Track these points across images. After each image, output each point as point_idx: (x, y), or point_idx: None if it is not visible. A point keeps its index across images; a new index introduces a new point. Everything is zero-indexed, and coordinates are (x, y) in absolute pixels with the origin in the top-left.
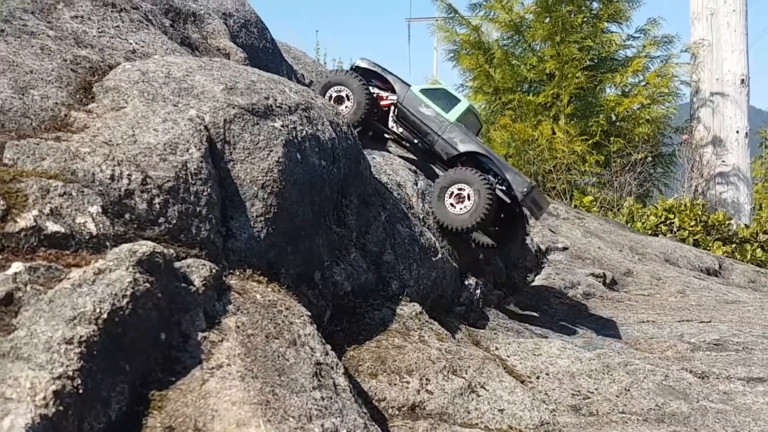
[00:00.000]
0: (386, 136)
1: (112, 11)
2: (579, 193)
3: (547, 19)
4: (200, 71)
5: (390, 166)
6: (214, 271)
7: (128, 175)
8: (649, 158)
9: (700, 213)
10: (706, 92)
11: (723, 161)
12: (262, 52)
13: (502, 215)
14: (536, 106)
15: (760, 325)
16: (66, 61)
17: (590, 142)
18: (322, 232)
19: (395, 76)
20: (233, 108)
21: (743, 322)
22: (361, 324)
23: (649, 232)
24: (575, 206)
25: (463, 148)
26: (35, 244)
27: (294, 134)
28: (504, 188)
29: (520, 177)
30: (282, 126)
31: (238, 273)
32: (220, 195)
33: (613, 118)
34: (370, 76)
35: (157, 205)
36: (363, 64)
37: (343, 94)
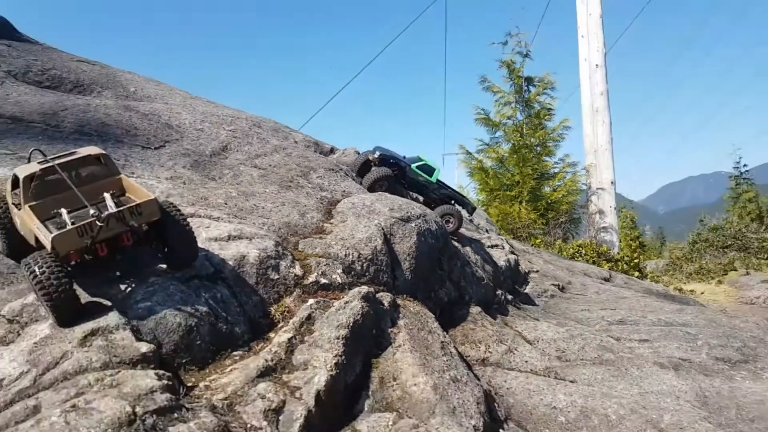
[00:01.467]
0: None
1: (332, 172)
2: (534, 238)
3: (515, 156)
4: (377, 201)
5: (455, 240)
6: (390, 298)
7: (352, 253)
8: (567, 220)
9: (595, 247)
10: (594, 188)
11: (604, 222)
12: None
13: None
14: (510, 197)
15: (641, 310)
16: (318, 198)
17: (538, 213)
18: (434, 273)
19: (399, 158)
20: (393, 219)
21: (631, 309)
22: (453, 318)
23: (570, 257)
24: (532, 245)
25: (442, 195)
26: (316, 289)
27: (420, 229)
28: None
29: (470, 203)
30: (414, 225)
31: (400, 297)
32: (390, 260)
33: (549, 202)
34: (386, 160)
35: (364, 267)
36: (378, 153)
37: None
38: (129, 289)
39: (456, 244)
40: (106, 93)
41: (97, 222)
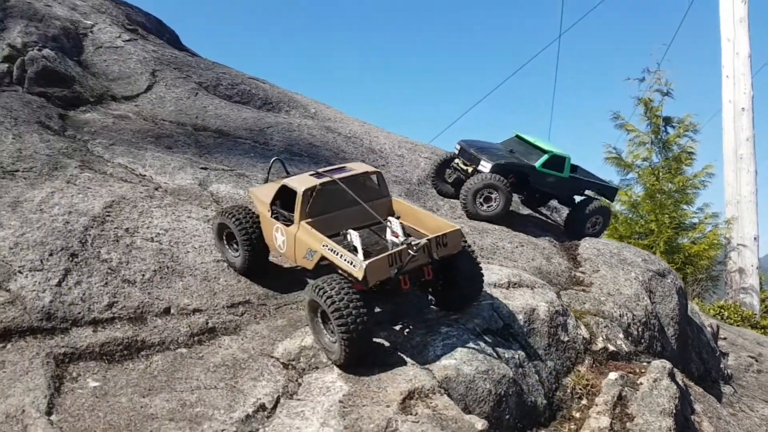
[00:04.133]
0: None
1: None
2: None
3: (650, 201)
4: (624, 249)
5: None
6: (681, 375)
7: (626, 314)
8: (706, 277)
9: (739, 310)
10: (735, 243)
11: (744, 282)
12: None
13: None
14: (643, 246)
15: None
16: (549, 239)
17: (675, 266)
18: (687, 341)
19: (518, 161)
20: (649, 272)
21: None
22: None
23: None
24: None
25: (580, 188)
26: (606, 357)
27: (677, 286)
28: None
29: (610, 185)
30: (670, 281)
31: (679, 373)
32: (659, 323)
33: (687, 255)
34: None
35: (640, 332)
36: (458, 146)
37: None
38: (410, 332)
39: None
40: (293, 112)
41: (410, 250)
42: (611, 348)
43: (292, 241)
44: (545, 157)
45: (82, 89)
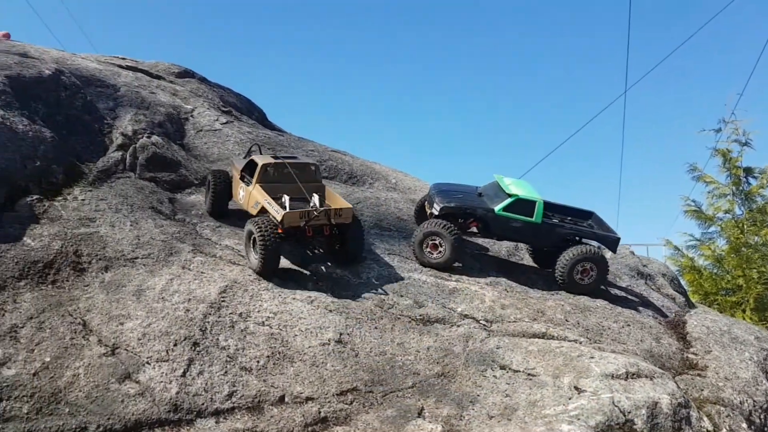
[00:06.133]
0: None
1: (634, 279)
2: None
3: (735, 256)
4: (734, 326)
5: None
6: None
7: (746, 401)
8: None
9: None
10: None
11: None
12: None
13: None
14: (731, 303)
15: None
16: (652, 315)
17: (766, 325)
18: None
19: (470, 205)
20: (763, 351)
21: None
22: None
23: None
24: None
25: (562, 236)
26: None
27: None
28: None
29: (609, 233)
30: None
31: None
32: None
33: None
34: (453, 210)
35: (762, 419)
36: (437, 200)
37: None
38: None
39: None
40: (377, 184)
41: (315, 212)
42: None
43: (248, 195)
44: (508, 200)
45: (187, 172)
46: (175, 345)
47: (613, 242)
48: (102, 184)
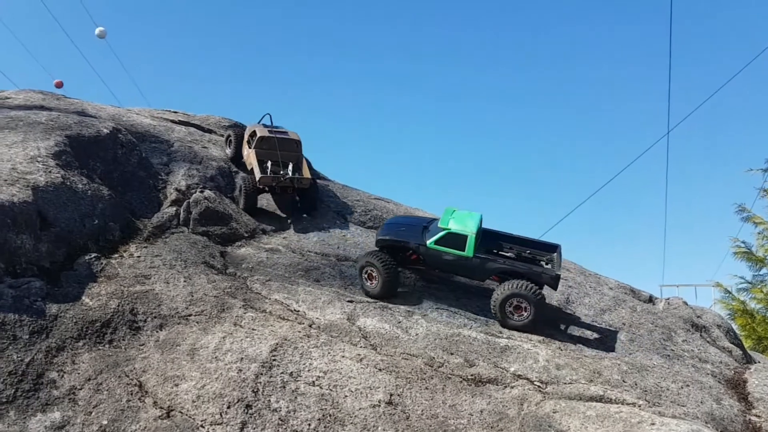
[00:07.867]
0: None
1: (690, 333)
2: None
3: None
4: None
5: None
6: None
7: None
8: None
9: None
10: None
11: None
12: None
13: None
14: None
15: None
16: (709, 373)
17: None
18: None
19: (403, 239)
20: None
21: None
22: None
23: None
24: None
25: (495, 271)
26: None
27: None
28: None
29: (549, 268)
30: None
31: None
32: None
33: None
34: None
35: None
36: (380, 232)
37: None
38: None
39: None
40: None
41: (281, 178)
42: None
43: (247, 156)
44: (439, 234)
45: (237, 225)
46: (229, 407)
47: (552, 279)
48: (157, 240)
